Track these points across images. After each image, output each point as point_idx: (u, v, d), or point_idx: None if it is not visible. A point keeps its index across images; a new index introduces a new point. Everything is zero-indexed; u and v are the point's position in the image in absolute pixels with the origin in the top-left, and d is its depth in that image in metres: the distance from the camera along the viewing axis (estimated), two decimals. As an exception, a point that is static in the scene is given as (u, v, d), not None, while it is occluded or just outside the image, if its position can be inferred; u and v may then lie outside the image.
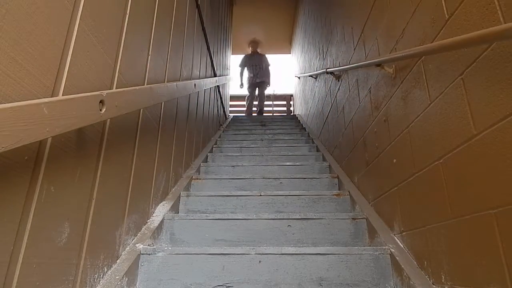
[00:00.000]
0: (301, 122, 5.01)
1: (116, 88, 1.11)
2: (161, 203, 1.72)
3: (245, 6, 6.28)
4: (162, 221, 1.57)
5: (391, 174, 1.46)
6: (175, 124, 2.00)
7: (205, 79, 2.94)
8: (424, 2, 1.14)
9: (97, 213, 1.03)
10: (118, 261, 1.19)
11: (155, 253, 1.30)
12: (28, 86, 0.69)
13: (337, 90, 2.60)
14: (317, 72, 3.48)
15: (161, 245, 1.53)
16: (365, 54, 1.84)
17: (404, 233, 1.34)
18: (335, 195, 1.97)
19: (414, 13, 1.21)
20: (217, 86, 3.94)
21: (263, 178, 2.25)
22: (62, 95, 0.81)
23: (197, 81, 2.45)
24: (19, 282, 0.69)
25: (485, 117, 0.83)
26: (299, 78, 5.89)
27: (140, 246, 1.31)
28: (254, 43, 6.29)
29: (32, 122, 0.62)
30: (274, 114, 7.52)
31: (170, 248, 1.33)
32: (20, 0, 0.67)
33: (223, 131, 4.18)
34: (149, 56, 1.47)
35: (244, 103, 6.46)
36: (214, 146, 3.33)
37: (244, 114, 6.29)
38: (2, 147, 0.54)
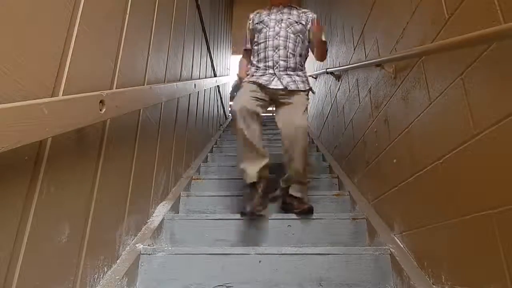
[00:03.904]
0: (301, 122, 5.00)
1: (116, 88, 1.11)
2: (161, 203, 1.72)
3: (245, 6, 6.27)
4: (162, 221, 1.57)
5: (391, 174, 1.45)
6: (175, 124, 1.99)
7: (205, 79, 2.94)
8: (424, 2, 1.14)
9: (97, 213, 1.03)
10: (118, 261, 1.19)
11: (155, 253, 1.30)
12: (28, 86, 0.69)
13: (337, 90, 2.60)
14: (317, 72, 3.48)
15: (161, 245, 1.53)
16: (365, 54, 1.84)
17: (404, 233, 1.34)
18: (335, 195, 1.97)
19: (414, 13, 1.21)
20: (217, 86, 3.95)
21: (263, 178, 2.24)
22: (62, 95, 0.81)
23: (197, 81, 2.46)
24: (19, 282, 0.69)
25: (485, 117, 0.83)
26: (299, 78, 5.88)
27: (140, 246, 1.31)
28: None
29: (32, 122, 0.62)
30: (274, 114, 7.51)
31: (170, 248, 1.34)
32: (21, 0, 0.67)
33: (223, 131, 4.18)
34: (149, 56, 1.47)
35: None
36: (214, 146, 3.33)
37: None
38: (2, 147, 0.54)
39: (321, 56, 1.89)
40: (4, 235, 0.66)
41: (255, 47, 1.91)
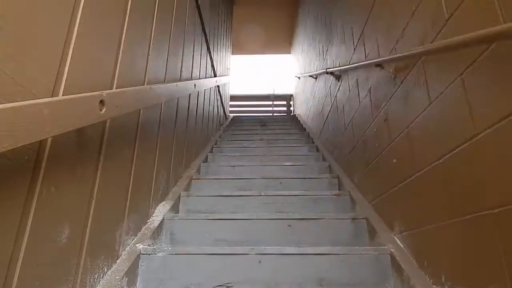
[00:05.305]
0: (301, 122, 5.01)
1: (116, 88, 1.11)
2: (161, 203, 1.72)
3: (245, 6, 6.28)
4: (162, 221, 1.57)
5: (391, 174, 1.45)
6: (175, 124, 1.99)
7: (205, 79, 2.94)
8: (424, 2, 1.14)
9: (97, 213, 1.03)
10: (118, 261, 1.19)
11: (155, 253, 1.30)
12: (28, 86, 0.69)
13: (337, 90, 2.60)
14: (317, 72, 3.48)
15: (161, 245, 1.53)
16: (365, 54, 1.84)
17: (404, 233, 1.34)
18: (335, 195, 1.97)
19: (414, 13, 1.21)
20: (217, 86, 3.94)
21: (263, 178, 2.25)
22: (62, 95, 0.81)
23: (197, 81, 2.46)
24: (19, 282, 0.69)
25: (485, 117, 0.83)
26: (299, 78, 5.90)
27: (140, 246, 1.31)
28: None
29: (32, 122, 0.62)
30: (274, 115, 7.54)
31: (170, 248, 1.34)
32: (21, 0, 0.67)
33: (223, 131, 4.18)
34: (149, 56, 1.47)
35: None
36: (214, 146, 3.33)
37: (244, 114, 6.19)
38: (2, 147, 0.54)
39: None
40: (4, 235, 0.66)
41: None
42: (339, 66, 2.44)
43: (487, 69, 0.82)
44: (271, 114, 7.56)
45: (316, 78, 3.79)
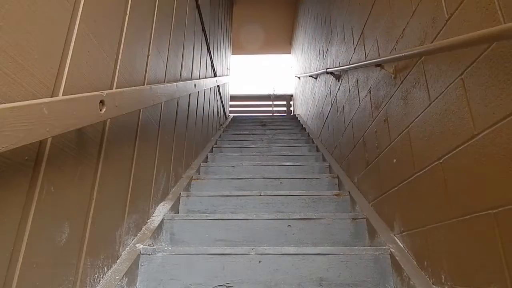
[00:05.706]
0: (301, 122, 5.01)
1: (116, 88, 1.11)
2: (161, 203, 1.72)
3: (245, 6, 6.28)
4: (162, 221, 1.57)
5: (391, 174, 1.45)
6: (175, 124, 1.99)
7: (205, 79, 2.94)
8: (424, 2, 1.14)
9: (97, 213, 1.03)
10: (118, 261, 1.19)
11: (155, 253, 1.30)
12: (28, 86, 0.69)
13: (337, 90, 2.60)
14: (317, 72, 3.48)
15: (161, 245, 1.53)
16: (365, 54, 1.84)
17: (404, 233, 1.34)
18: (335, 195, 1.97)
19: (414, 13, 1.21)
20: (217, 86, 3.94)
21: (263, 178, 2.25)
22: (62, 95, 0.81)
23: (197, 81, 2.46)
24: (19, 282, 0.69)
25: (485, 117, 0.83)
26: (299, 78, 5.90)
27: (140, 246, 1.31)
28: None
29: (32, 122, 0.62)
30: (274, 115, 7.54)
31: (170, 248, 1.33)
32: (20, 0, 0.67)
33: (223, 131, 4.18)
34: (149, 56, 1.47)
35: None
36: (214, 146, 3.33)
37: (244, 115, 6.19)
38: (2, 147, 0.54)
39: None
40: (4, 235, 0.66)
41: None
42: (339, 66, 2.44)
43: (487, 69, 0.82)
44: (271, 114, 7.56)
45: (316, 78, 3.80)
